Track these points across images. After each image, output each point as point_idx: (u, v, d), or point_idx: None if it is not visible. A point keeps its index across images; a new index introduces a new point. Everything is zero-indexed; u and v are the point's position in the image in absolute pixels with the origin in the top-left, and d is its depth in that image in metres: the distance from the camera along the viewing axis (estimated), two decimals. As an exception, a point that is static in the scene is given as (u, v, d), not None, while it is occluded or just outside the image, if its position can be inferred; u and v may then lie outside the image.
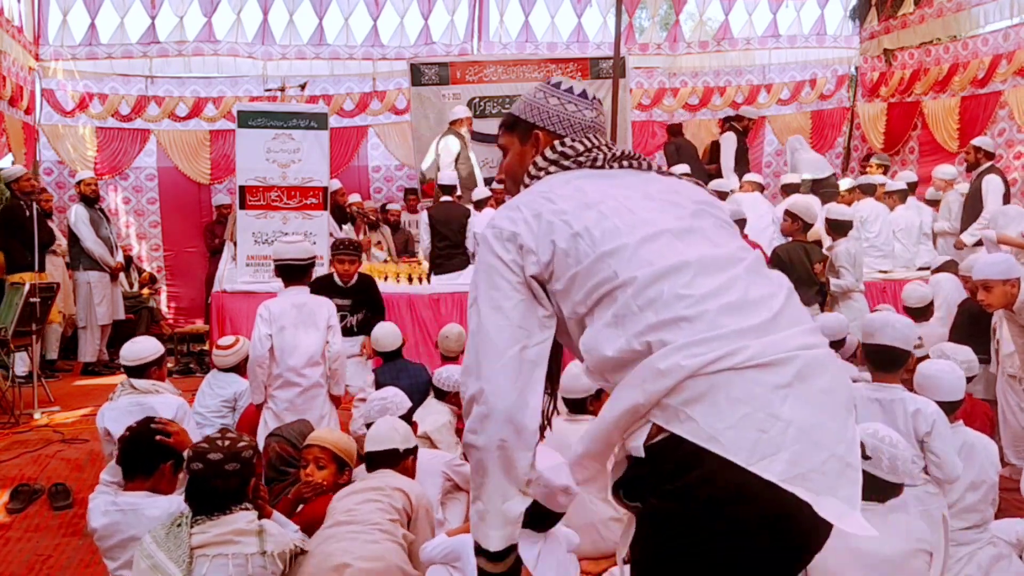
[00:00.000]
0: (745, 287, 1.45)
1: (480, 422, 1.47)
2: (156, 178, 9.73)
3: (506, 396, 1.46)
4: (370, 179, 10.37)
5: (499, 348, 1.48)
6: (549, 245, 1.49)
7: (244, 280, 6.49)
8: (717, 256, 1.49)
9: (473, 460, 1.51)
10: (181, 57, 9.41)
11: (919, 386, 3.15)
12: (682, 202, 1.58)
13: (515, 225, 1.52)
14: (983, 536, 2.95)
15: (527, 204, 1.55)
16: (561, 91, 1.72)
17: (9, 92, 7.94)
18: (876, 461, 2.32)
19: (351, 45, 9.85)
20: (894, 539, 2.29)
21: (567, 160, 1.66)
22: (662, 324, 1.40)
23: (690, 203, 1.59)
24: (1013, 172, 8.25)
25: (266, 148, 6.48)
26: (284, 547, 2.29)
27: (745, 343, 1.35)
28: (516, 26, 10.15)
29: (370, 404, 3.27)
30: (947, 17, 9.10)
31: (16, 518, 3.97)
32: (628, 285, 1.44)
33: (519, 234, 1.51)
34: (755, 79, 10.62)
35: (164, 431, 2.61)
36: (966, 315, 4.83)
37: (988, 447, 3.07)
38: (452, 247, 6.87)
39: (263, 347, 3.88)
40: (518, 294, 1.51)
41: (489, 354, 1.48)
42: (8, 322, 5.76)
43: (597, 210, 1.51)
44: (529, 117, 1.73)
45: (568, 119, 1.70)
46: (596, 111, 1.73)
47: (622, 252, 1.46)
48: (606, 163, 1.65)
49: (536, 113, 1.72)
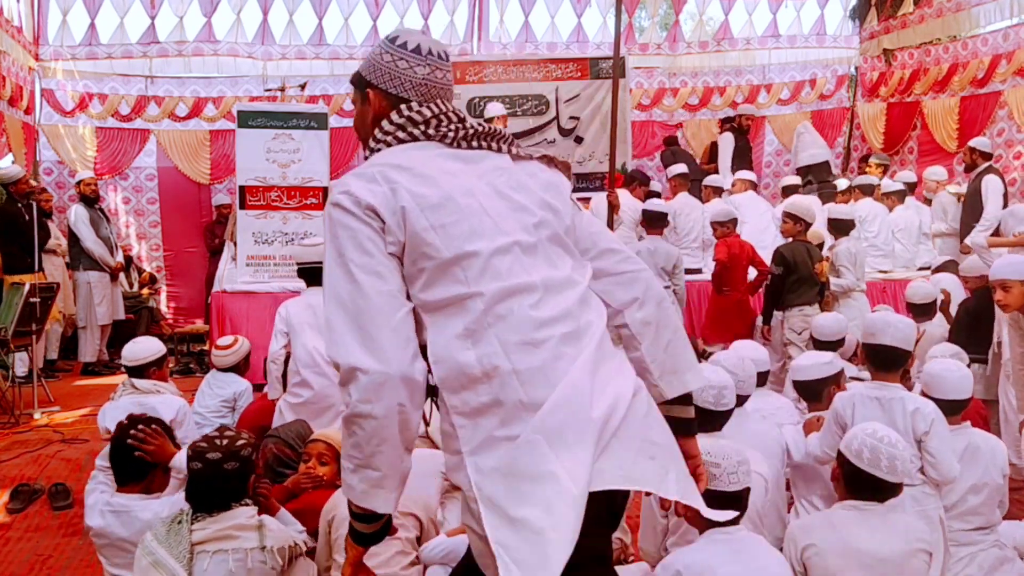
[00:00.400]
0: (576, 317, 1.51)
1: (375, 391, 1.41)
2: (156, 178, 9.73)
3: (401, 360, 1.43)
4: (370, 179, 10.37)
5: (386, 313, 1.45)
6: (404, 230, 1.48)
7: (244, 280, 6.49)
8: (557, 279, 1.54)
9: (364, 432, 1.44)
10: (181, 57, 9.41)
11: (926, 385, 3.15)
12: (530, 204, 1.58)
13: (374, 197, 1.48)
14: (988, 538, 2.95)
15: (384, 177, 1.51)
16: (395, 46, 1.65)
17: (9, 92, 7.94)
18: (875, 461, 2.32)
19: (351, 45, 9.84)
20: (893, 539, 2.29)
21: (414, 128, 1.61)
22: (511, 345, 1.44)
23: (537, 206, 1.59)
24: (1013, 172, 8.26)
25: (266, 148, 6.48)
26: (284, 542, 2.29)
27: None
28: (516, 26, 10.16)
29: None
30: (947, 17, 9.10)
31: (16, 518, 3.98)
32: (477, 297, 1.45)
33: (377, 208, 1.48)
34: (755, 79, 10.62)
35: (143, 444, 2.59)
36: (966, 315, 4.83)
37: (995, 449, 3.06)
38: None
39: (278, 344, 4.03)
40: (389, 260, 1.49)
41: (376, 320, 1.44)
42: (8, 322, 5.76)
43: (455, 206, 1.50)
44: (364, 74, 1.68)
45: (399, 76, 1.63)
46: (431, 68, 1.64)
47: (475, 260, 1.47)
48: (459, 141, 1.61)
49: (370, 70, 1.67)
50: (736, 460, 2.17)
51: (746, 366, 3.16)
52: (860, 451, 2.34)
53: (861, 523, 2.32)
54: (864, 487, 2.35)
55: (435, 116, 1.61)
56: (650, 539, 2.71)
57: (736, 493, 2.16)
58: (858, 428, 2.45)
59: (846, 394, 3.02)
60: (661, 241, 5.77)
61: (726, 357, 3.23)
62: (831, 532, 2.33)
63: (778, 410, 3.67)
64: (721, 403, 2.72)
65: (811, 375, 3.53)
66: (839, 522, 2.35)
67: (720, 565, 2.07)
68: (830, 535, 2.32)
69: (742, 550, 2.14)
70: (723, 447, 2.21)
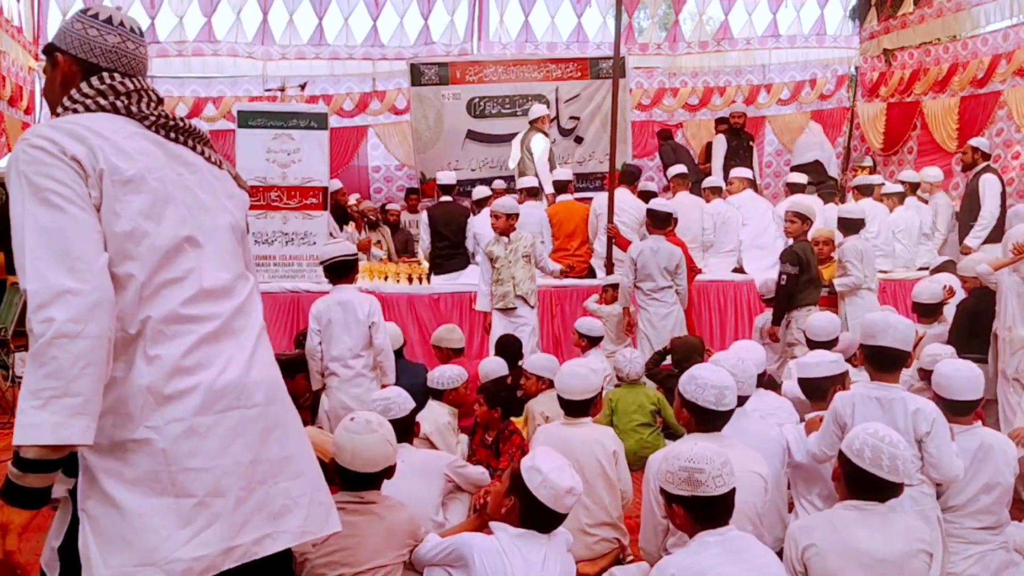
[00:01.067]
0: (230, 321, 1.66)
1: (89, 311, 1.43)
2: (156, 178, 9.72)
3: (110, 289, 1.49)
4: (370, 179, 10.37)
5: (96, 244, 1.50)
6: (101, 192, 1.53)
7: (244, 280, 6.49)
8: (220, 281, 1.66)
9: (68, 356, 1.42)
10: (181, 57, 9.40)
11: (937, 385, 3.15)
12: (213, 207, 1.72)
13: (78, 151, 1.52)
14: (996, 539, 2.96)
15: (86, 137, 1.53)
16: (87, 16, 1.70)
17: (9, 92, 7.93)
18: (876, 461, 2.31)
19: (351, 45, 9.84)
20: (894, 539, 2.29)
21: (115, 99, 1.66)
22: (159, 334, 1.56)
23: (219, 210, 1.72)
24: (1011, 172, 8.26)
25: (266, 148, 6.47)
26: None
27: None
28: (516, 26, 10.16)
29: (372, 403, 3.23)
30: (947, 17, 9.11)
31: (16, 518, 3.96)
32: (134, 279, 1.54)
33: (82, 162, 1.52)
34: (755, 79, 10.62)
35: None
36: (965, 315, 4.83)
37: (1006, 449, 3.06)
38: (452, 247, 6.88)
39: (314, 342, 4.31)
40: (89, 203, 1.52)
41: (88, 248, 1.47)
42: (8, 322, 5.76)
43: (146, 186, 1.58)
44: (55, 41, 1.72)
45: (89, 43, 1.67)
46: (122, 38, 1.70)
47: (146, 241, 1.56)
48: (157, 127, 1.69)
49: (60, 37, 1.70)
50: (719, 463, 2.16)
51: (746, 366, 3.17)
52: (861, 451, 2.34)
53: (862, 523, 2.32)
54: (865, 487, 2.35)
55: (136, 91, 1.69)
56: (650, 539, 2.71)
57: (723, 496, 2.16)
58: (859, 428, 2.45)
59: (846, 394, 3.01)
60: (664, 241, 5.76)
61: (726, 357, 3.23)
62: (831, 532, 2.33)
63: (777, 410, 3.67)
64: (722, 403, 2.72)
65: (819, 372, 3.51)
66: (840, 522, 2.35)
67: (713, 568, 2.08)
68: (830, 535, 2.32)
69: (735, 551, 2.14)
70: (702, 451, 2.19)
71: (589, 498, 3.12)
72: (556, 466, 2.39)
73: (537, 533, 2.36)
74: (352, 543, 2.34)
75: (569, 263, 6.56)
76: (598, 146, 8.86)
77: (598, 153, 8.87)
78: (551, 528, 2.39)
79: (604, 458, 3.18)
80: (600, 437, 3.26)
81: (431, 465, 3.20)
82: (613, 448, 3.25)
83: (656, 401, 4.52)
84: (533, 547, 2.32)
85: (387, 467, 2.51)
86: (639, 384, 4.67)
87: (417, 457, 3.18)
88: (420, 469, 3.03)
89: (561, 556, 2.38)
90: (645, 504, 2.77)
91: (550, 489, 2.33)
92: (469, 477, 3.31)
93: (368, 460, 2.44)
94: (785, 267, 5.33)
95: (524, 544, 2.32)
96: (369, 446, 2.44)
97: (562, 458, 2.47)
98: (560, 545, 2.41)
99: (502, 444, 4.02)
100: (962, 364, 3.21)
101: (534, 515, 2.36)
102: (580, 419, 3.31)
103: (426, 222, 6.97)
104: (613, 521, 3.20)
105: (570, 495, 2.36)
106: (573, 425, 3.30)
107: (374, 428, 2.48)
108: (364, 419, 2.51)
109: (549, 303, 6.76)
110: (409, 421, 3.22)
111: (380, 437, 2.47)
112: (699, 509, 2.16)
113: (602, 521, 3.16)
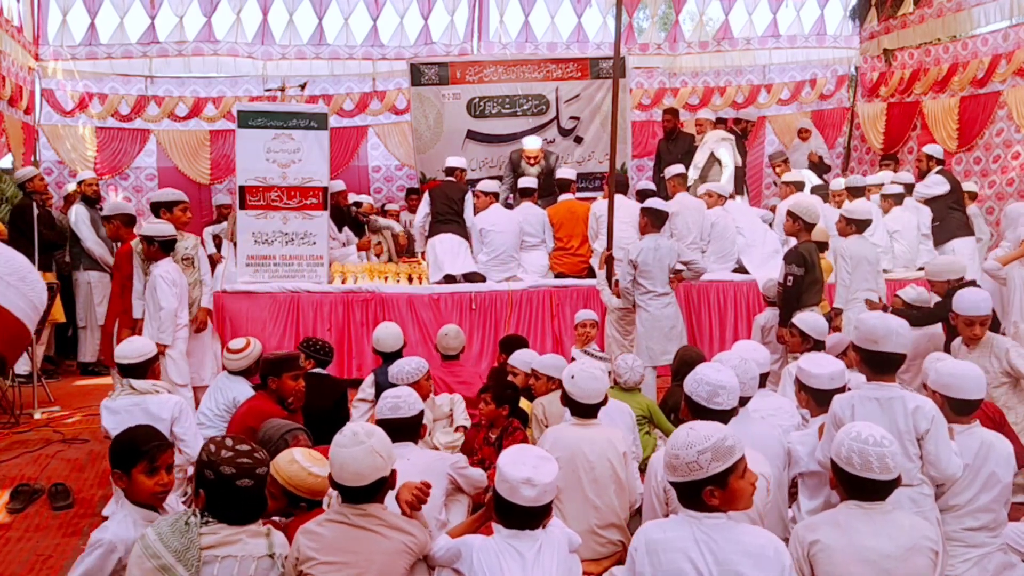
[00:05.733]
0: None
1: None
2: (156, 178, 9.73)
3: None
4: (370, 179, 10.38)
5: None
6: None
7: (244, 280, 6.49)
8: None
9: None
10: (181, 57, 9.41)
11: (944, 385, 3.14)
12: None
13: None
14: (994, 541, 2.96)
15: None
16: None
17: (9, 92, 7.93)
18: (866, 465, 2.29)
19: (351, 45, 9.85)
20: (899, 536, 2.29)
21: None
22: None
23: None
24: (1011, 172, 8.27)
25: (266, 148, 6.47)
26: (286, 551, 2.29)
27: None
28: (516, 26, 10.17)
29: (382, 402, 3.20)
30: (947, 17, 9.11)
31: (16, 518, 3.97)
32: None
33: None
34: (755, 79, 10.63)
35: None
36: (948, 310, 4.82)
37: (1005, 447, 3.06)
38: (451, 214, 6.91)
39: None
40: None
41: None
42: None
43: None
44: None
45: None
46: None
47: None
48: None
49: None
50: (697, 450, 2.07)
51: (748, 367, 3.13)
52: (850, 458, 2.31)
53: (866, 521, 2.32)
54: (863, 490, 2.34)
55: None
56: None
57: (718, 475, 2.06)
58: (842, 433, 2.39)
59: (845, 396, 3.00)
60: (663, 238, 5.74)
61: (728, 358, 3.19)
62: (837, 530, 2.32)
63: (778, 410, 3.65)
64: (713, 401, 2.69)
65: (823, 385, 3.39)
66: (844, 520, 2.34)
67: (690, 548, 2.04)
68: (836, 533, 2.31)
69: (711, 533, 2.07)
70: (700, 430, 2.12)
71: (600, 499, 3.12)
72: (517, 460, 2.36)
73: (529, 531, 2.34)
74: (352, 559, 2.28)
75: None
76: (598, 146, 8.85)
77: (598, 153, 8.86)
78: (532, 524, 2.35)
79: (615, 459, 3.18)
80: (611, 437, 3.26)
81: (435, 465, 3.21)
82: (623, 449, 3.25)
83: (647, 408, 4.50)
84: (525, 545, 2.32)
85: (380, 479, 2.36)
86: (635, 391, 4.64)
87: (422, 457, 3.19)
88: (425, 469, 3.03)
89: (559, 556, 2.36)
90: (646, 502, 2.76)
91: (504, 481, 2.32)
92: (470, 478, 3.32)
93: (356, 473, 2.31)
94: (791, 268, 5.27)
95: (518, 543, 2.32)
96: (356, 458, 2.31)
97: (542, 452, 2.46)
98: (557, 544, 2.38)
99: (506, 440, 4.01)
100: (965, 364, 3.21)
101: (504, 510, 2.36)
102: (590, 420, 3.31)
103: (427, 199, 7.01)
104: (620, 523, 3.20)
105: (527, 486, 2.29)
106: (584, 426, 3.29)
107: (361, 440, 2.35)
108: (352, 431, 2.38)
109: (549, 303, 6.76)
110: (416, 421, 3.21)
111: (367, 449, 2.33)
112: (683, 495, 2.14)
113: (611, 523, 3.16)
